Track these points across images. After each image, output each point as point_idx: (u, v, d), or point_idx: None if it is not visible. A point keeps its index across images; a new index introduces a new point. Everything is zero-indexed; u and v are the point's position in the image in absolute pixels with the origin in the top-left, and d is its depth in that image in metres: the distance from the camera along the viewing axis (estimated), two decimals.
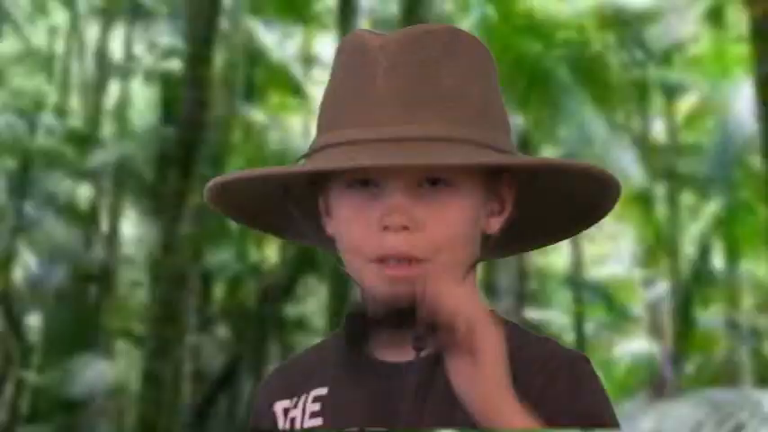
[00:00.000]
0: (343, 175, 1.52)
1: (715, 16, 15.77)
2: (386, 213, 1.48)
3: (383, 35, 1.57)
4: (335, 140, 1.53)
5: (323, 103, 1.60)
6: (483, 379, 1.38)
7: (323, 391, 1.62)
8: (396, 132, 1.50)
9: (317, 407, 1.62)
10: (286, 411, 1.65)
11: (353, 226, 1.52)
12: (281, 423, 1.65)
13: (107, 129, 16.58)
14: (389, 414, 1.54)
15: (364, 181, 1.50)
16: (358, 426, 1.54)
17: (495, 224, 1.56)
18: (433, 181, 1.49)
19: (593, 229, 1.69)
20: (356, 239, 1.52)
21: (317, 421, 1.60)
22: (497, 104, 1.59)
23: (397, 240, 1.47)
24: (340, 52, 1.61)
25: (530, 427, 1.38)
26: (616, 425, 1.49)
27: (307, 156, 1.57)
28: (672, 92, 16.59)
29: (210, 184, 1.59)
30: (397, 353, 1.55)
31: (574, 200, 1.61)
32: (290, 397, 1.66)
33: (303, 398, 1.64)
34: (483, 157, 1.51)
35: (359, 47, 1.57)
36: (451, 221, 1.50)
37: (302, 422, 1.62)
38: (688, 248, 15.88)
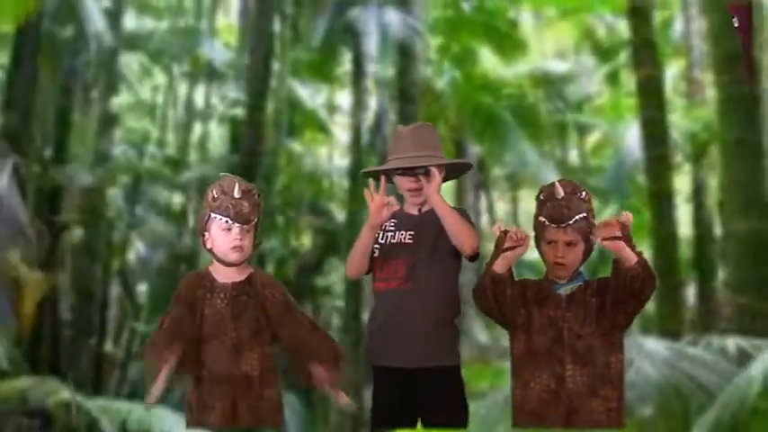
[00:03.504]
0: (398, 169, 3.17)
1: (613, 78, 15.78)
2: (410, 180, 3.16)
3: (409, 127, 3.20)
4: (393, 157, 3.16)
5: (390, 144, 3.23)
6: (431, 189, 3.07)
7: (395, 220, 3.18)
8: (409, 154, 3.12)
9: (392, 223, 3.17)
10: (385, 227, 3.18)
11: (403, 181, 3.17)
12: (382, 232, 3.18)
13: (192, 156, 16.59)
14: (412, 228, 3.15)
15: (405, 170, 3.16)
16: (401, 229, 3.16)
17: (437, 174, 3.09)
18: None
19: (529, 225, 3.17)
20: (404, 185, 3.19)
21: (392, 226, 3.18)
22: (440, 144, 3.20)
23: (416, 184, 3.15)
24: (395, 131, 3.24)
25: (443, 202, 3.08)
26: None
27: (389, 160, 3.17)
28: (583, 130, 16.60)
29: (364, 170, 3.26)
30: (413, 210, 3.19)
31: (460, 166, 3.40)
32: (387, 221, 3.15)
33: (391, 221, 3.16)
34: (435, 161, 3.12)
35: (400, 130, 3.21)
36: (434, 178, 3.10)
37: (386, 226, 3.17)
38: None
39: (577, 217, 2.93)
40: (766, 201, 8.05)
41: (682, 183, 12.66)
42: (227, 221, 2.98)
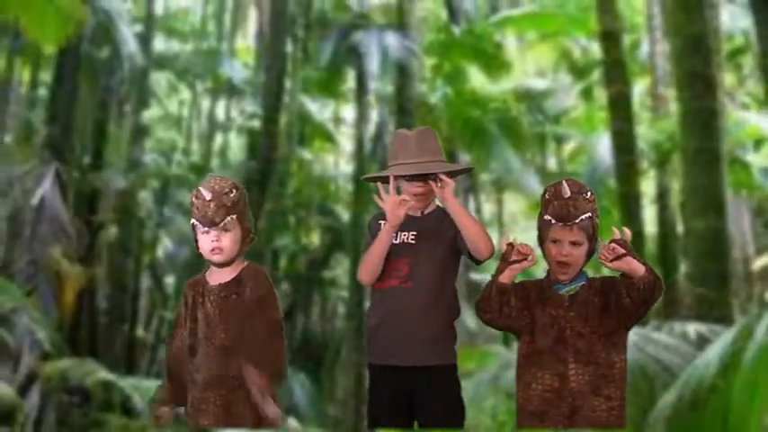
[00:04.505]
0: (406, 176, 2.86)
1: (587, 94, 15.79)
2: (416, 185, 2.85)
3: (413, 130, 2.89)
4: (394, 163, 2.85)
5: (391, 150, 2.93)
6: (446, 193, 2.76)
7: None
8: (416, 159, 2.82)
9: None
10: (382, 225, 2.82)
11: (410, 186, 2.85)
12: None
13: (214, 162, 16.59)
14: (415, 228, 2.86)
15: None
16: (403, 230, 2.84)
17: (451, 180, 2.79)
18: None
19: (513, 225, 2.90)
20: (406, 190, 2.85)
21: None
22: (441, 148, 2.90)
23: (422, 189, 2.86)
24: (398, 134, 2.92)
25: (461, 207, 2.83)
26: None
27: (390, 165, 2.87)
28: (560, 140, 16.60)
29: (370, 175, 2.97)
30: (416, 212, 2.85)
31: (461, 169, 3.05)
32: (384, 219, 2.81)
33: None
34: (441, 165, 2.85)
35: (403, 133, 2.90)
36: (448, 185, 2.78)
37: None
38: None
39: (583, 216, 2.72)
40: (722, 202, 8.07)
41: (648, 186, 12.68)
42: (200, 225, 2.78)
